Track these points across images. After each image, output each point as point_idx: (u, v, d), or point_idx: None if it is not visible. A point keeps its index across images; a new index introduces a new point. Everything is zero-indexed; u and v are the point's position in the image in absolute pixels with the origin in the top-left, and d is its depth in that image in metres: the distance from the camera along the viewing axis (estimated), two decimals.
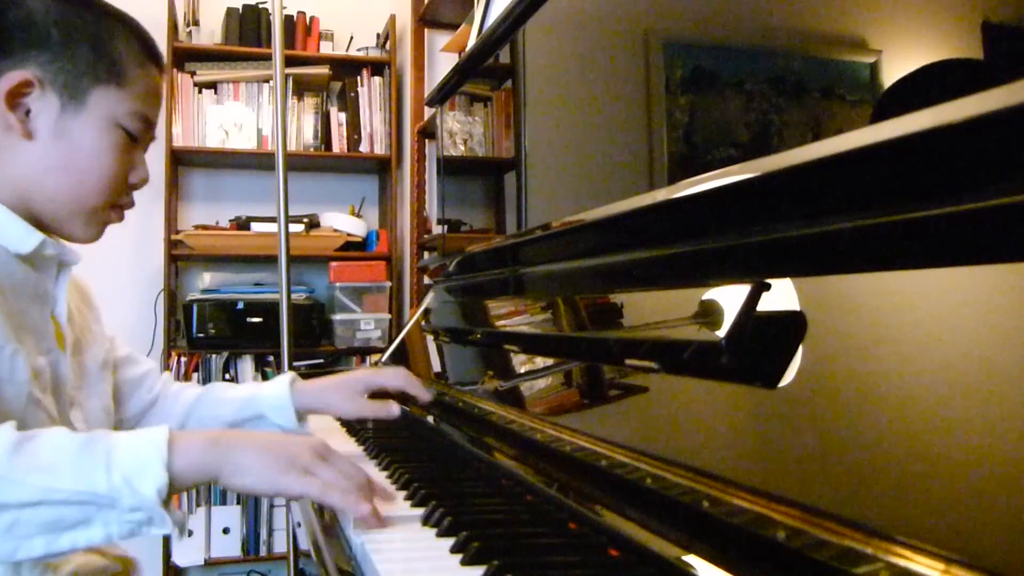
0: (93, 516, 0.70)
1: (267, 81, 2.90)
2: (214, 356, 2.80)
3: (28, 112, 0.89)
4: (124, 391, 1.14)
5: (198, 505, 2.75)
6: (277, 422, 1.14)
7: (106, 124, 0.92)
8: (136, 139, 0.96)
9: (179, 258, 2.90)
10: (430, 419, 1.27)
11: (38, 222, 0.93)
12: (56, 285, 0.96)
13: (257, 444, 0.78)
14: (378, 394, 1.17)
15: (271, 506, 2.80)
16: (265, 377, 2.83)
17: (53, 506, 0.69)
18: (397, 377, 1.16)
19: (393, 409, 1.12)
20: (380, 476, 0.92)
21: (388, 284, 2.95)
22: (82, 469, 0.70)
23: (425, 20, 2.88)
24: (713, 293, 0.68)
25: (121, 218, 0.99)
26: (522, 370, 1.07)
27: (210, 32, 2.98)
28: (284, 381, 1.15)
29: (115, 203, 0.96)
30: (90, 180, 0.92)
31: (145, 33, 0.98)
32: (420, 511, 0.76)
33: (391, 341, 2.45)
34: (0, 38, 0.89)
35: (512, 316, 1.21)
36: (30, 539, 0.69)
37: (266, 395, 1.15)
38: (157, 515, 0.71)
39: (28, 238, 0.90)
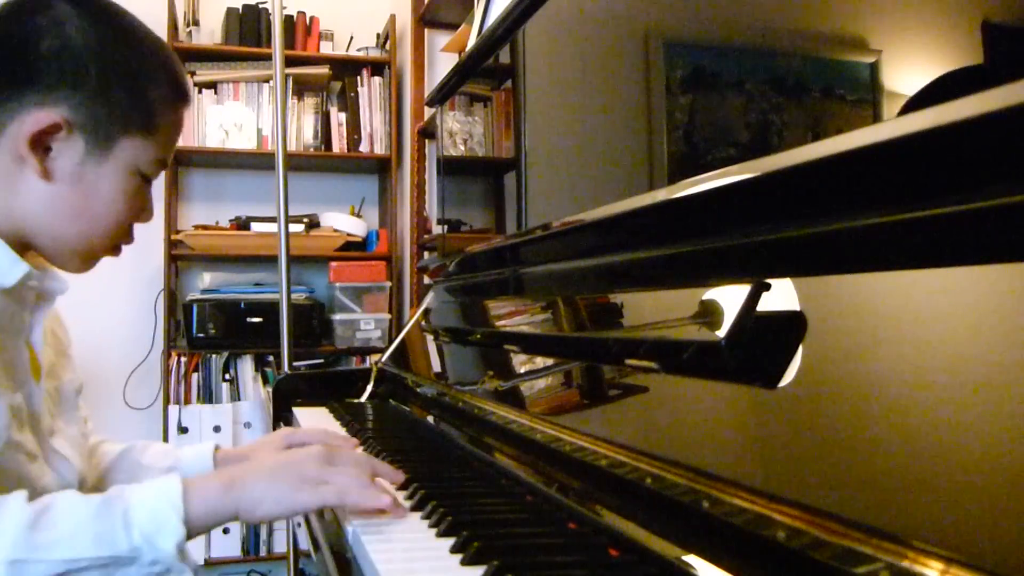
0: (114, 574, 0.71)
1: (267, 81, 2.90)
2: (214, 356, 2.80)
3: (48, 150, 0.85)
4: None
5: None
6: None
7: (127, 172, 0.88)
8: (151, 181, 0.93)
9: (179, 258, 2.90)
10: (430, 419, 1.27)
11: (31, 246, 0.90)
12: (34, 314, 0.92)
13: (266, 472, 0.79)
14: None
15: None
16: (265, 377, 2.83)
17: (76, 574, 0.70)
18: (316, 433, 1.10)
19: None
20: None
21: (388, 284, 2.95)
22: (103, 534, 0.71)
23: (425, 20, 2.88)
24: (713, 293, 0.68)
25: (118, 254, 0.96)
26: (522, 370, 1.07)
27: (210, 32, 2.98)
28: (206, 451, 1.10)
29: (116, 244, 0.94)
30: (100, 226, 0.89)
31: (179, 68, 0.94)
32: (420, 511, 0.76)
33: (391, 341, 2.45)
34: (32, 68, 0.83)
35: (512, 316, 1.21)
36: None
37: (186, 464, 1.08)
38: (176, 567, 0.73)
39: (12, 270, 0.85)
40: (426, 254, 2.84)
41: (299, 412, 1.51)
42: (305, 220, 2.86)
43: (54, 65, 0.84)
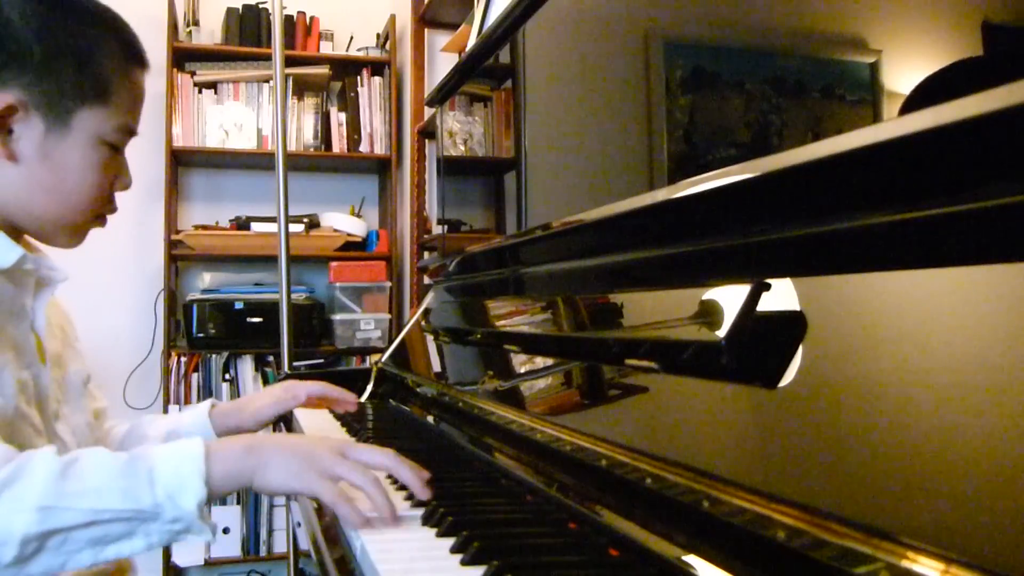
0: (137, 529, 0.74)
1: (267, 81, 2.90)
2: (214, 356, 2.80)
3: (10, 132, 0.87)
4: None
5: None
6: None
7: (91, 143, 0.90)
8: (120, 149, 0.94)
9: (179, 258, 2.90)
10: (430, 419, 1.27)
11: (20, 231, 0.92)
12: (36, 300, 0.94)
13: (284, 446, 0.82)
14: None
15: (271, 506, 2.80)
16: (265, 378, 2.83)
17: (102, 524, 0.73)
18: (315, 385, 1.17)
19: (299, 395, 1.20)
20: (380, 476, 0.92)
21: (388, 284, 2.95)
22: (128, 488, 0.74)
23: (425, 20, 2.88)
24: (713, 293, 0.68)
25: (104, 224, 0.98)
26: (522, 370, 1.07)
27: (210, 32, 2.98)
28: (203, 408, 1.16)
29: (99, 213, 0.96)
30: (75, 199, 0.91)
31: (128, 32, 0.95)
32: (420, 511, 0.76)
33: (391, 341, 2.45)
34: None
35: (512, 316, 1.21)
36: (79, 553, 0.73)
37: (186, 426, 1.15)
38: (196, 525, 0.76)
39: (7, 253, 0.88)
40: (426, 254, 2.84)
41: (299, 412, 1.51)
42: (305, 220, 2.86)
43: None
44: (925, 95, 0.54)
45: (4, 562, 0.70)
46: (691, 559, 0.54)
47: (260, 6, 2.96)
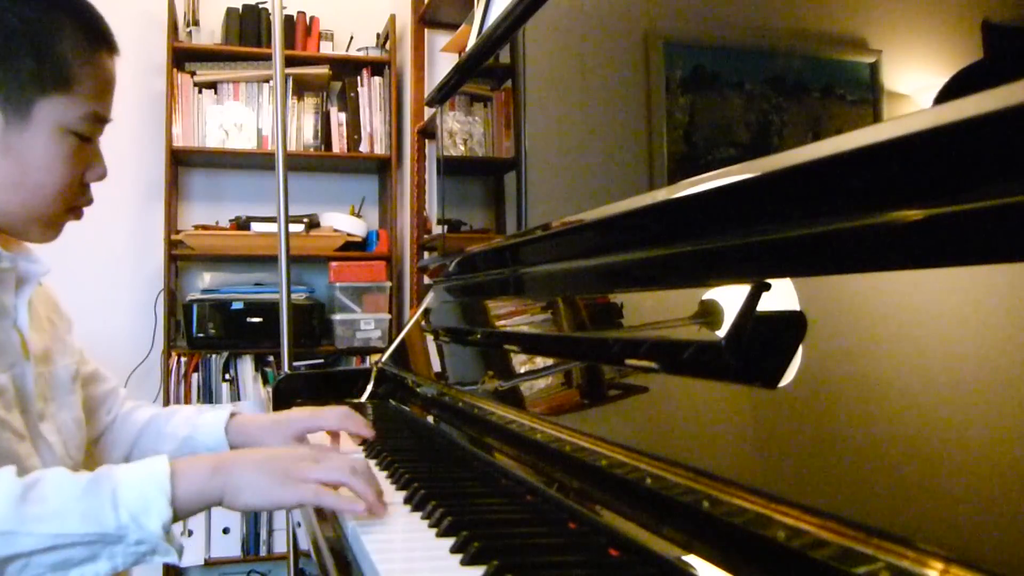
0: (100, 552, 0.72)
1: (267, 81, 2.90)
2: (214, 356, 2.80)
3: None
4: (89, 408, 1.09)
5: None
6: None
7: (55, 134, 0.87)
8: (89, 139, 0.91)
9: (179, 258, 2.90)
10: (430, 419, 1.27)
11: None
12: (17, 296, 0.92)
13: (253, 463, 0.80)
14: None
15: None
16: (265, 377, 2.83)
17: (64, 549, 0.71)
18: (338, 418, 1.09)
19: (329, 417, 1.10)
20: (380, 476, 0.92)
21: (388, 284, 2.94)
22: (90, 511, 0.72)
23: (425, 20, 2.88)
24: (713, 293, 0.68)
25: (80, 217, 0.95)
26: (522, 370, 1.07)
27: (210, 32, 2.98)
28: (221, 421, 1.12)
29: (72, 206, 0.93)
30: (44, 192, 0.88)
31: (91, 14, 0.90)
32: (420, 511, 0.76)
33: (391, 341, 2.45)
34: None
35: (512, 316, 1.21)
36: None
37: (203, 438, 1.11)
38: (161, 547, 0.74)
39: None
40: (426, 254, 2.84)
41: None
42: (305, 220, 2.86)
43: None
44: (948, 95, 0.54)
45: None
46: (691, 559, 0.54)
47: (260, 6, 2.96)
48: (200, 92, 2.88)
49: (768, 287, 0.62)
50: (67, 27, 0.87)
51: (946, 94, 0.47)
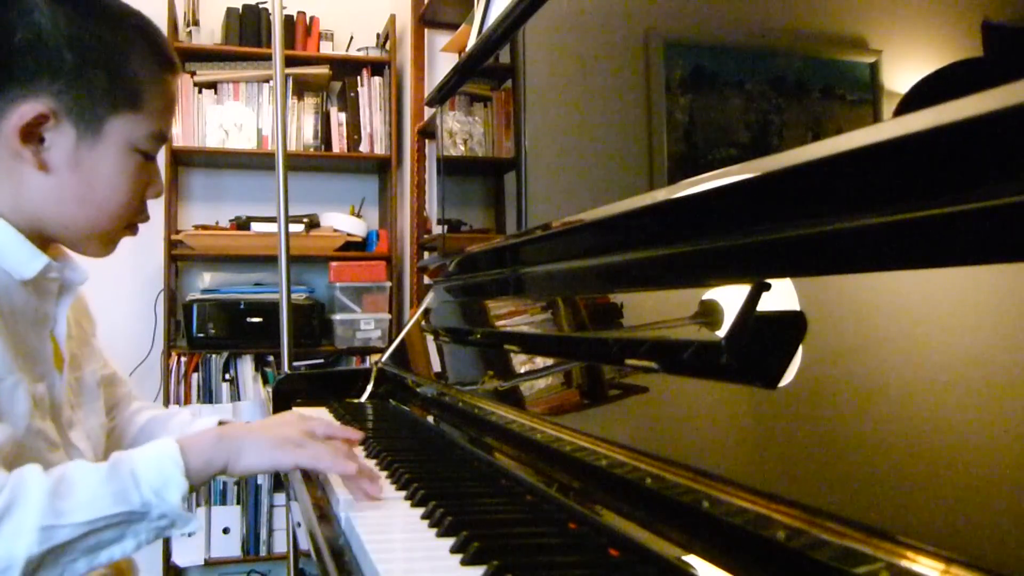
0: (126, 531, 0.77)
1: (267, 81, 2.90)
2: (214, 356, 2.80)
3: (42, 141, 0.85)
4: (105, 409, 1.11)
5: (198, 505, 2.75)
6: None
7: (124, 151, 0.89)
8: (153, 157, 0.93)
9: (179, 258, 2.90)
10: (430, 419, 1.27)
11: (50, 238, 0.91)
12: (57, 306, 0.94)
13: (255, 430, 0.87)
14: None
15: (271, 506, 2.80)
16: (265, 377, 2.83)
17: (97, 533, 0.76)
18: (321, 424, 1.14)
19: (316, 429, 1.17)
20: (380, 476, 0.92)
21: (388, 284, 2.95)
22: (117, 493, 0.77)
23: (425, 20, 2.88)
24: (713, 293, 0.68)
25: (136, 233, 0.97)
26: (522, 370, 1.07)
27: (210, 32, 2.98)
28: (211, 425, 1.13)
29: (131, 222, 0.95)
30: (107, 209, 0.90)
31: (159, 37, 0.93)
32: (420, 511, 0.76)
33: (391, 341, 2.45)
34: (8, 63, 0.83)
35: (512, 316, 1.21)
36: (75, 563, 0.76)
37: None
38: (181, 518, 0.80)
39: (32, 262, 0.87)
40: (426, 254, 2.84)
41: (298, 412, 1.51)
42: (305, 220, 2.86)
43: (29, 57, 0.84)
44: (927, 95, 0.54)
45: None
46: (691, 559, 0.54)
47: (260, 6, 2.96)
48: (200, 92, 2.88)
49: (768, 287, 0.62)
50: (137, 47, 0.90)
51: (947, 94, 0.47)
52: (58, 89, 0.84)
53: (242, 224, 2.84)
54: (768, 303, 0.61)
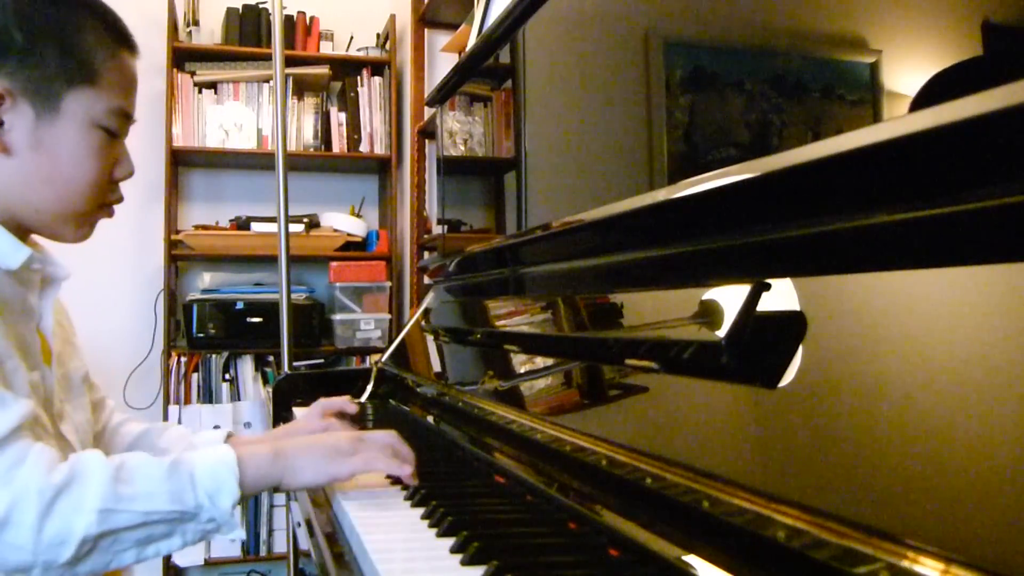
0: (176, 529, 0.79)
1: (267, 81, 2.90)
2: (214, 356, 2.80)
3: (1, 124, 0.86)
4: None
5: None
6: None
7: (84, 127, 0.89)
8: (116, 134, 0.93)
9: (179, 258, 2.90)
10: (430, 419, 1.27)
11: (26, 229, 0.91)
12: (42, 299, 0.94)
13: (307, 447, 0.88)
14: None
15: (271, 506, 2.80)
16: (265, 377, 2.83)
17: (151, 526, 0.77)
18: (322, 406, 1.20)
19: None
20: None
21: (388, 284, 2.94)
22: (175, 491, 0.78)
23: (425, 20, 2.88)
24: (713, 293, 0.68)
25: (111, 215, 0.97)
26: (522, 370, 1.07)
27: (210, 32, 2.98)
28: (219, 438, 1.12)
29: (103, 202, 0.95)
30: (74, 187, 0.90)
31: (112, 15, 0.94)
32: (420, 511, 0.77)
33: (391, 341, 2.45)
34: None
35: (512, 316, 1.21)
36: (124, 552, 0.77)
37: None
38: (228, 523, 0.81)
39: (15, 253, 0.88)
40: (426, 254, 2.84)
41: (299, 412, 1.51)
42: (305, 220, 2.86)
43: None
44: (930, 95, 0.54)
45: (59, 562, 0.73)
46: (691, 559, 0.54)
47: (260, 6, 2.96)
48: (200, 92, 2.88)
49: (768, 287, 0.62)
50: (90, 24, 0.90)
51: (946, 94, 0.47)
52: (11, 68, 0.85)
53: (242, 224, 2.83)
54: (768, 303, 0.61)
